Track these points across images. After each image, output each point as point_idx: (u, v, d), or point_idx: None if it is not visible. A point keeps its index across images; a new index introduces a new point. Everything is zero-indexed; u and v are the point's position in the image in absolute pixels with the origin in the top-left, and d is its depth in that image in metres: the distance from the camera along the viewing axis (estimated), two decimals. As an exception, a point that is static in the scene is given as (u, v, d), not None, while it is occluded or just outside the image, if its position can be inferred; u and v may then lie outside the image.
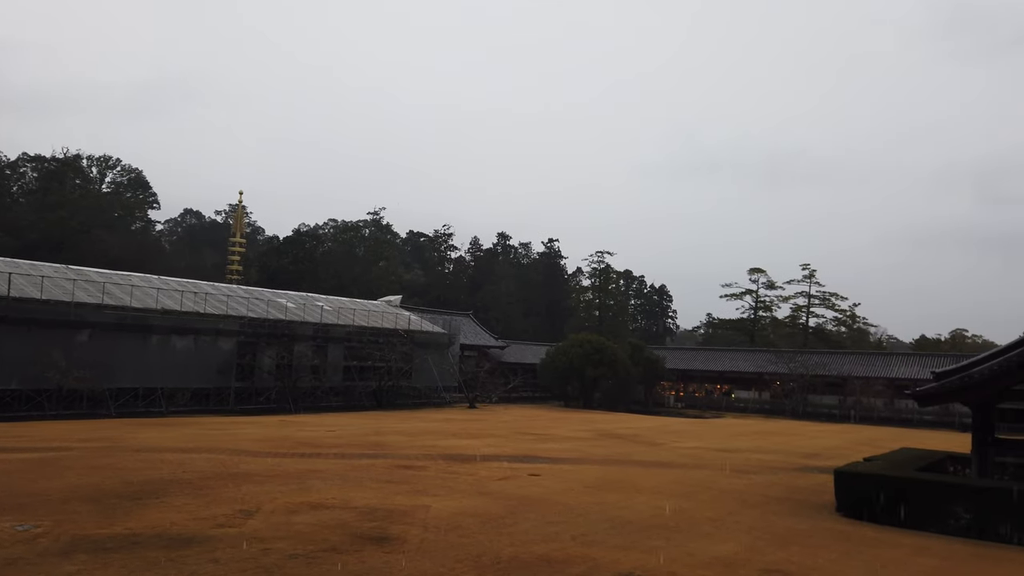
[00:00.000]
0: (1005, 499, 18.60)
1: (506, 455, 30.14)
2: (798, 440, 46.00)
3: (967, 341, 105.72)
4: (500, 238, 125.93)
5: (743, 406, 78.94)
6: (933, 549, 16.60)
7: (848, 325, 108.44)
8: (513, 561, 13.34)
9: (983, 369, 20.76)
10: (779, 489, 24.57)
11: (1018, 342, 20.94)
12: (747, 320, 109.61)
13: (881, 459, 25.43)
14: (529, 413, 61.04)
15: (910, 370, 70.33)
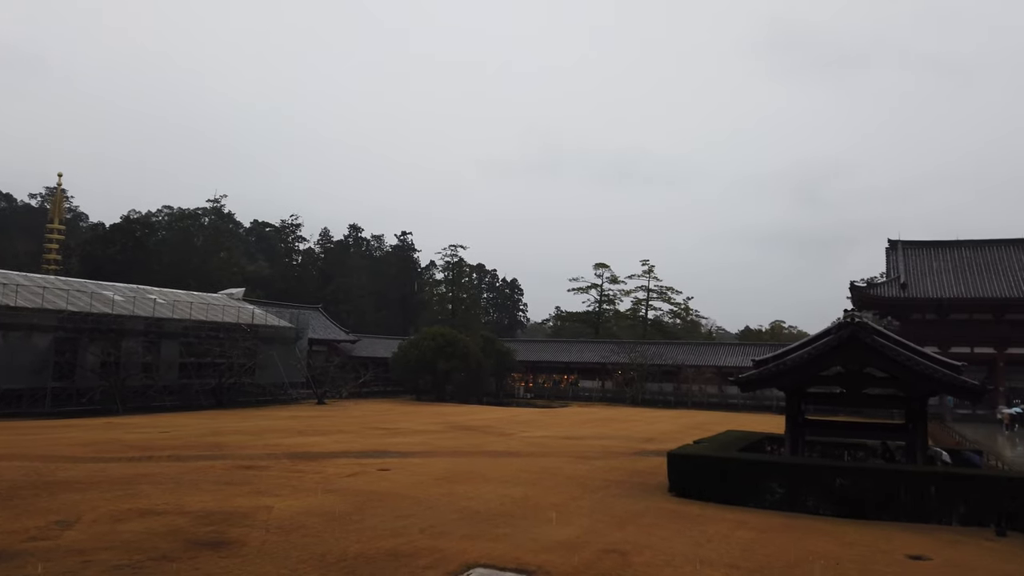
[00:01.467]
0: (812, 474, 20.73)
1: (355, 451, 29.62)
2: (637, 426, 48.67)
3: (785, 332, 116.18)
4: (352, 230, 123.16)
5: (588, 395, 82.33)
6: (751, 522, 18.18)
7: (682, 317, 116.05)
8: (359, 558, 13.18)
9: (794, 357, 22.99)
10: (619, 473, 25.91)
11: (824, 332, 23.36)
12: (592, 313, 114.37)
13: (708, 441, 27.48)
14: (380, 408, 60.28)
15: (736, 359, 76.32)
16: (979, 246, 69.04)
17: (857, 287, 66.58)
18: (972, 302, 63.27)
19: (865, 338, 21.98)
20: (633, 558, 13.98)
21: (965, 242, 69.89)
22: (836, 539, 16.61)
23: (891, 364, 21.94)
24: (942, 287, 65.03)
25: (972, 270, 66.28)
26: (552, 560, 13.54)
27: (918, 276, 67.10)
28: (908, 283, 65.78)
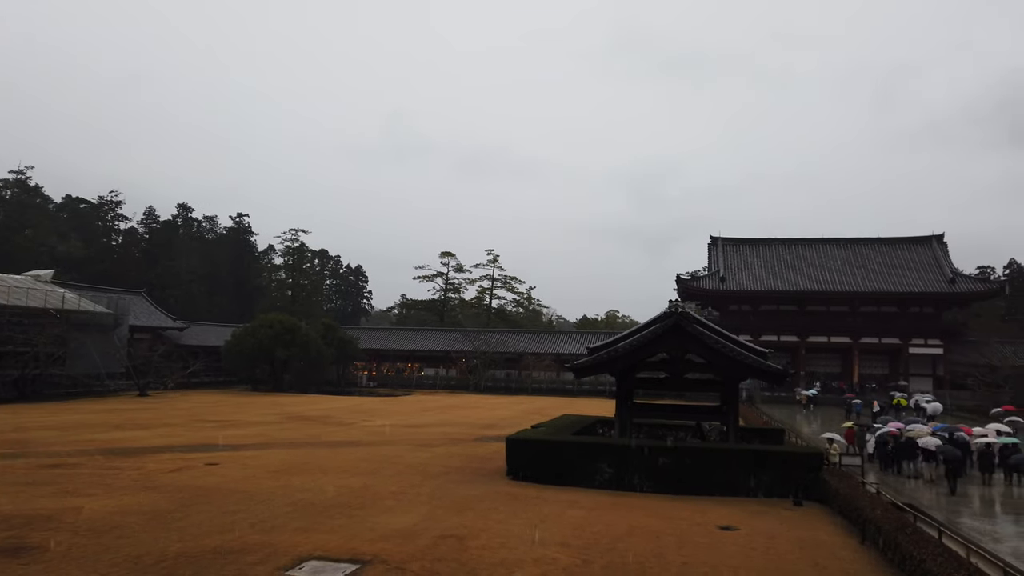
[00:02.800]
0: (638, 455, 22.08)
1: (180, 445, 27.85)
2: (479, 412, 49.46)
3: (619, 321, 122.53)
4: (181, 209, 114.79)
5: (432, 383, 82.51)
6: (582, 502, 19.08)
7: (525, 306, 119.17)
8: (181, 558, 12.44)
9: (624, 344, 24.32)
10: (459, 459, 26.23)
11: (651, 322, 24.88)
12: (438, 301, 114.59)
13: (545, 426, 28.50)
14: (211, 399, 56.96)
15: (573, 346, 79.50)
16: (787, 244, 76.39)
17: (682, 280, 71.57)
18: (780, 294, 69.97)
19: (687, 327, 23.69)
20: (470, 542, 14.24)
21: (776, 240, 77.04)
22: (657, 514, 17.82)
23: (709, 351, 23.80)
24: (755, 280, 71.38)
25: (781, 265, 73.28)
26: (388, 548, 13.50)
27: (735, 270, 73.20)
28: (727, 276, 71.61)
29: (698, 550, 14.39)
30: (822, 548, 15.05)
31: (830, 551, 14.84)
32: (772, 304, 71.48)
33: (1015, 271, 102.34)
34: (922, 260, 70.81)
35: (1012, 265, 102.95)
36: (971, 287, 67.96)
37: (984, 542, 16.02)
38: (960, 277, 67.92)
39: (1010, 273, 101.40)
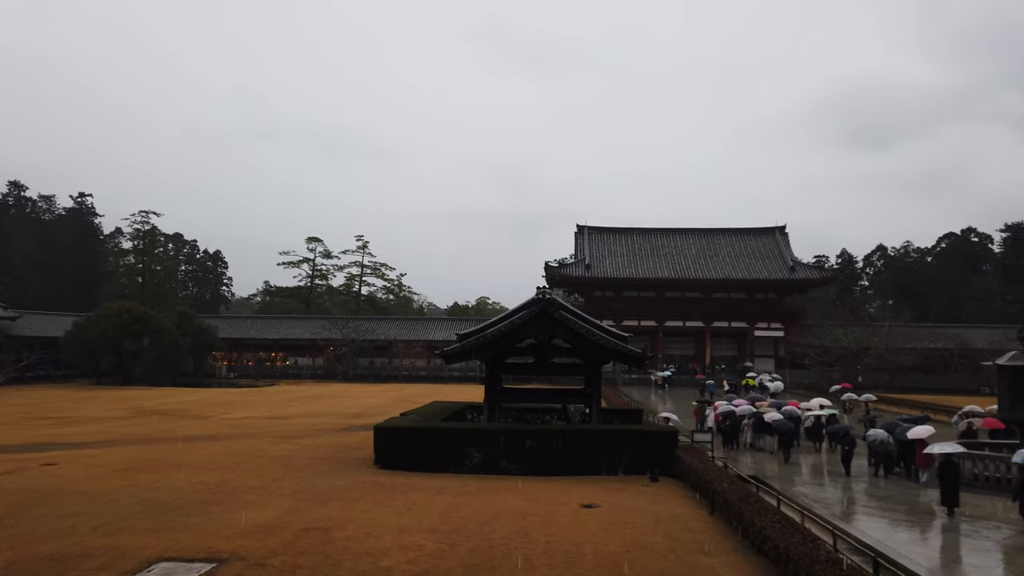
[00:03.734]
0: (506, 438, 22.46)
1: (12, 445, 25.45)
2: (347, 401, 48.51)
3: (489, 307, 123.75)
4: (12, 187, 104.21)
5: (298, 373, 79.96)
6: (451, 488, 19.19)
7: (396, 293, 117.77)
8: (11, 567, 11.38)
9: (493, 331, 24.63)
10: (325, 450, 25.62)
11: (519, 308, 25.34)
12: (304, 288, 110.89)
13: (414, 413, 28.38)
14: (49, 394, 52.28)
15: (444, 333, 79.50)
16: (647, 233, 80.00)
17: (550, 267, 73.34)
18: (641, 282, 73.27)
19: (553, 313, 24.32)
20: (335, 534, 13.97)
21: (637, 230, 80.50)
22: (524, 496, 18.24)
23: (574, 336, 24.56)
24: (618, 268, 74.32)
25: (641, 254, 76.69)
26: (248, 545, 12.99)
27: (600, 258, 75.87)
28: (592, 264, 74.11)
29: (562, 528, 14.86)
30: (675, 521, 15.98)
31: (682, 523, 15.78)
32: (633, 291, 74.72)
33: (846, 260, 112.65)
34: (767, 250, 76.36)
35: (843, 255, 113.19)
36: (809, 275, 74.10)
37: (816, 508, 17.61)
38: (799, 266, 73.84)
39: (842, 262, 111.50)
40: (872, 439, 23.68)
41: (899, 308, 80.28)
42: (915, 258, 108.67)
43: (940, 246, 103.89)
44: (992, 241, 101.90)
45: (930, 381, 65.54)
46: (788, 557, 11.42)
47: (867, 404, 38.64)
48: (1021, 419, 22.78)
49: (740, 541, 14.19)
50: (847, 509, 18.07)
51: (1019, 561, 13.69)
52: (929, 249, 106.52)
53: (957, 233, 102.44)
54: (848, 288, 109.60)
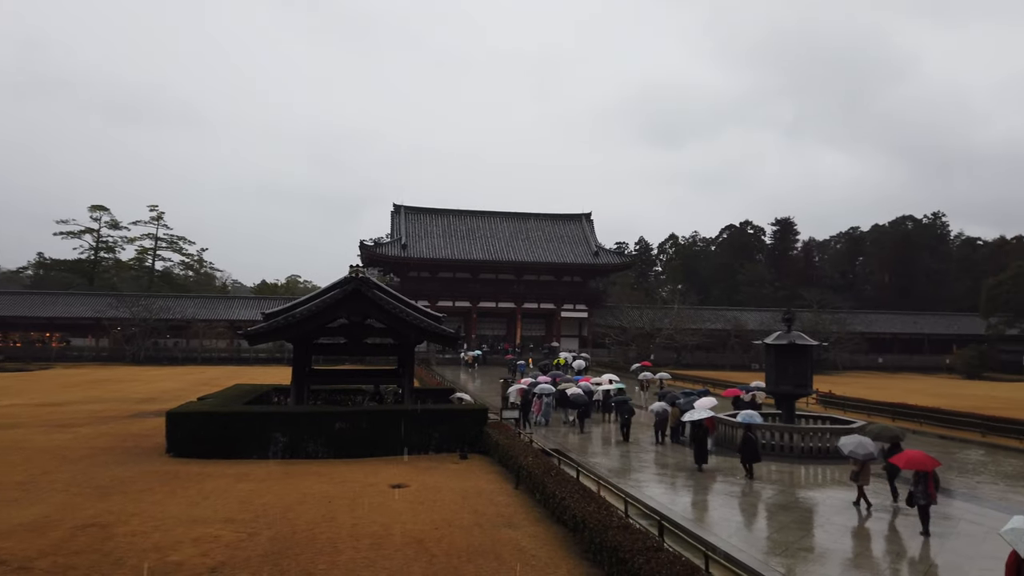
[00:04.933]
0: (314, 421, 21.78)
1: None
2: (136, 386, 44.57)
3: (300, 286, 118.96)
4: None
5: (79, 355, 72.11)
6: (253, 474, 18.29)
7: (195, 269, 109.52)
8: None
9: (303, 310, 23.71)
10: (108, 439, 23.37)
11: (331, 287, 24.60)
12: (87, 261, 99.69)
13: (214, 397, 26.67)
14: None
15: (250, 312, 75.44)
16: (463, 216, 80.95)
17: (366, 246, 71.95)
18: (456, 263, 74.08)
19: (367, 292, 23.87)
20: (117, 529, 12.79)
21: (453, 211, 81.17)
22: (331, 479, 17.81)
23: (387, 316, 24.29)
24: (434, 249, 74.56)
25: (457, 236, 77.49)
26: (10, 547, 11.53)
27: (416, 238, 75.65)
28: (408, 244, 73.71)
29: (370, 510, 14.70)
30: (482, 496, 16.40)
31: (489, 498, 16.23)
32: (449, 272, 75.39)
33: (643, 247, 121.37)
34: (574, 235, 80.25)
35: (641, 242, 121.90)
36: (610, 260, 78.94)
37: (611, 477, 18.89)
38: (603, 251, 78.41)
39: (640, 249, 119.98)
40: (653, 410, 26.10)
41: (687, 292, 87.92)
42: (701, 247, 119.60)
43: (722, 236, 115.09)
44: (764, 233, 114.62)
45: (711, 358, 72.72)
46: (585, 525, 12.14)
47: (662, 381, 42.03)
48: (784, 391, 25.94)
49: (542, 512, 14.86)
50: (638, 476, 19.55)
51: (779, 517, 15.57)
52: (713, 239, 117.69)
53: (736, 225, 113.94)
54: (645, 273, 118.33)
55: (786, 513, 15.80)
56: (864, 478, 16.51)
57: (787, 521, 15.06)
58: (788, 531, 14.26)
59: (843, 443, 17.40)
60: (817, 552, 12.92)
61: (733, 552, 12.49)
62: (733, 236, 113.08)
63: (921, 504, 14.23)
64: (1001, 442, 26.85)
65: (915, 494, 14.38)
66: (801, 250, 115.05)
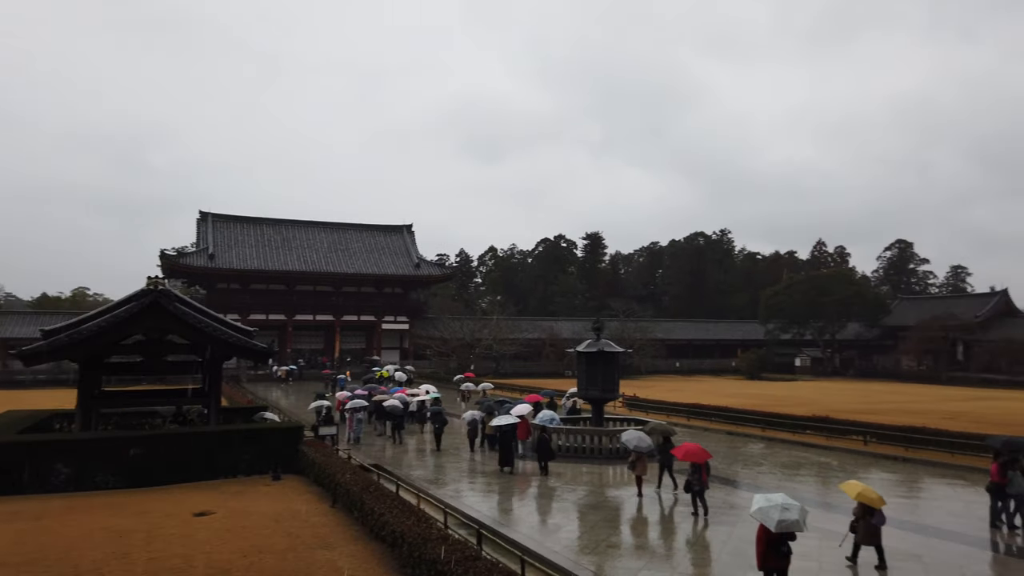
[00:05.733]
0: (103, 448, 19.76)
1: None
2: None
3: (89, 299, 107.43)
4: None
5: None
6: (28, 511, 16.23)
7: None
8: None
9: (91, 326, 21.46)
10: None
11: (125, 300, 22.49)
12: None
13: (-20, 427, 23.36)
14: None
15: (28, 329, 66.92)
16: (279, 225, 77.56)
17: (167, 255, 66.65)
18: (270, 274, 70.72)
19: (167, 305, 22.09)
20: None
21: (268, 220, 77.51)
22: (125, 512, 16.24)
23: (192, 331, 22.62)
24: (246, 259, 70.66)
25: (272, 246, 74.04)
26: None
27: (225, 248, 71.28)
28: (216, 254, 69.24)
29: (170, 542, 13.58)
30: (296, 518, 15.74)
31: (304, 519, 15.61)
32: (262, 283, 71.81)
33: (464, 259, 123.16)
34: (395, 247, 79.69)
35: (462, 254, 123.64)
36: (432, 272, 79.26)
37: (431, 488, 18.91)
38: (424, 263, 78.55)
39: (460, 260, 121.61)
40: (465, 419, 26.70)
41: (506, 302, 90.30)
42: (519, 259, 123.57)
43: (538, 249, 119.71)
44: (576, 247, 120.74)
45: (528, 367, 75.17)
46: (404, 539, 12.04)
47: (485, 391, 42.73)
48: (593, 396, 27.42)
49: (361, 530, 14.54)
50: (458, 486, 19.73)
51: (590, 517, 16.40)
52: (530, 251, 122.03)
53: (551, 239, 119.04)
54: (465, 284, 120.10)
55: (596, 512, 16.69)
56: (641, 468, 18.57)
57: (597, 520, 15.91)
58: (598, 529, 15.07)
59: (625, 438, 20.05)
60: (624, 547, 13.77)
61: (547, 554, 12.98)
62: (548, 249, 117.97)
63: (696, 490, 16.30)
64: (777, 435, 30.17)
65: (691, 482, 16.44)
66: (609, 263, 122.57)
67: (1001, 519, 15.51)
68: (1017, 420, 33.92)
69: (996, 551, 13.98)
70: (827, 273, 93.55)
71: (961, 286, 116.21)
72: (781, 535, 10.26)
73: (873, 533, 12.59)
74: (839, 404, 41.62)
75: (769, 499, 10.56)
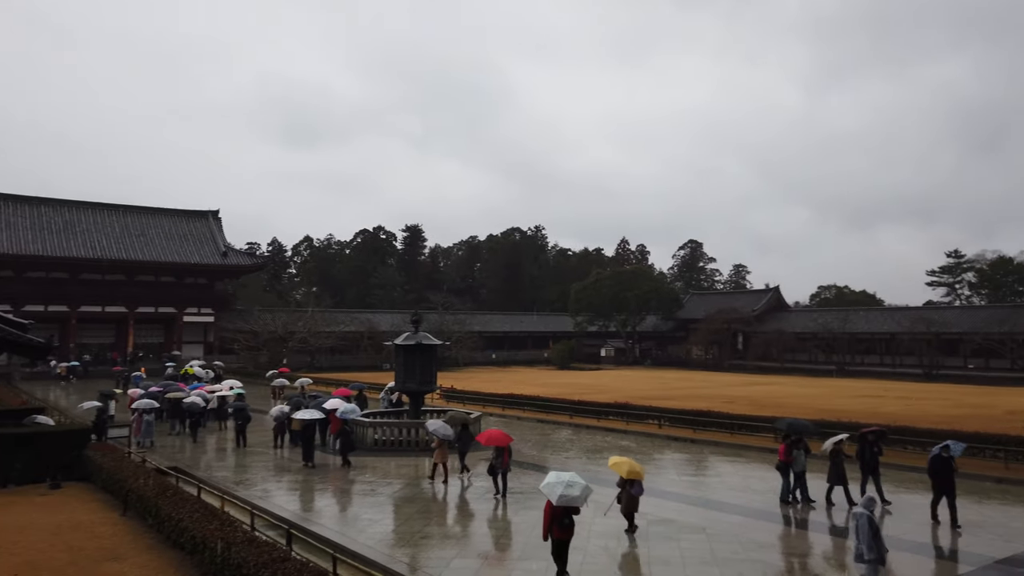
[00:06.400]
0: None
1: None
2: None
3: None
4: None
5: None
6: None
7: None
8: None
9: None
10: None
11: None
12: None
13: None
14: None
15: None
16: (61, 206, 69.45)
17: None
18: (49, 261, 63.18)
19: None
20: None
21: (48, 200, 69.14)
22: None
23: (-52, 324, 19.73)
24: (19, 244, 62.58)
25: (52, 229, 66.12)
26: None
27: (-6, 230, 62.67)
28: (-19, 236, 60.67)
29: (-82, 567, 11.79)
30: (80, 530, 14.28)
31: (89, 531, 14.20)
32: (40, 271, 63.99)
33: (277, 249, 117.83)
34: (200, 234, 74.33)
35: (275, 243, 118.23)
36: (241, 261, 74.87)
37: (236, 490, 17.95)
38: (232, 252, 73.99)
39: (273, 250, 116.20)
40: (272, 415, 25.83)
41: (322, 294, 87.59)
42: (336, 250, 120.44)
43: (356, 240, 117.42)
44: (396, 239, 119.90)
45: (345, 360, 73.56)
46: (205, 545, 11.36)
47: (303, 387, 41.05)
48: (411, 389, 27.42)
49: (156, 538, 13.50)
50: (266, 486, 18.91)
51: (404, 509, 16.42)
52: (348, 243, 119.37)
53: (370, 230, 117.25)
54: (278, 275, 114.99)
55: (411, 504, 16.74)
56: (441, 455, 19.25)
57: (412, 512, 15.97)
58: (412, 521, 15.13)
59: (429, 426, 20.97)
60: (438, 538, 13.95)
61: (361, 550, 12.84)
62: (367, 240, 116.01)
63: (500, 472, 17.37)
64: (584, 422, 31.96)
65: (494, 464, 17.51)
66: (429, 256, 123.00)
67: (796, 496, 16.81)
68: (786, 402, 38.48)
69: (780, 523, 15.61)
70: (630, 270, 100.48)
71: (742, 283, 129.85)
72: (564, 509, 11.11)
73: (633, 502, 14.11)
74: (638, 391, 44.86)
75: (559, 476, 11.42)
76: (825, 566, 12.34)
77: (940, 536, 14.40)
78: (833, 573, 11.95)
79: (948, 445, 15.34)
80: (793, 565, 12.44)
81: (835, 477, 16.58)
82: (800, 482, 17.00)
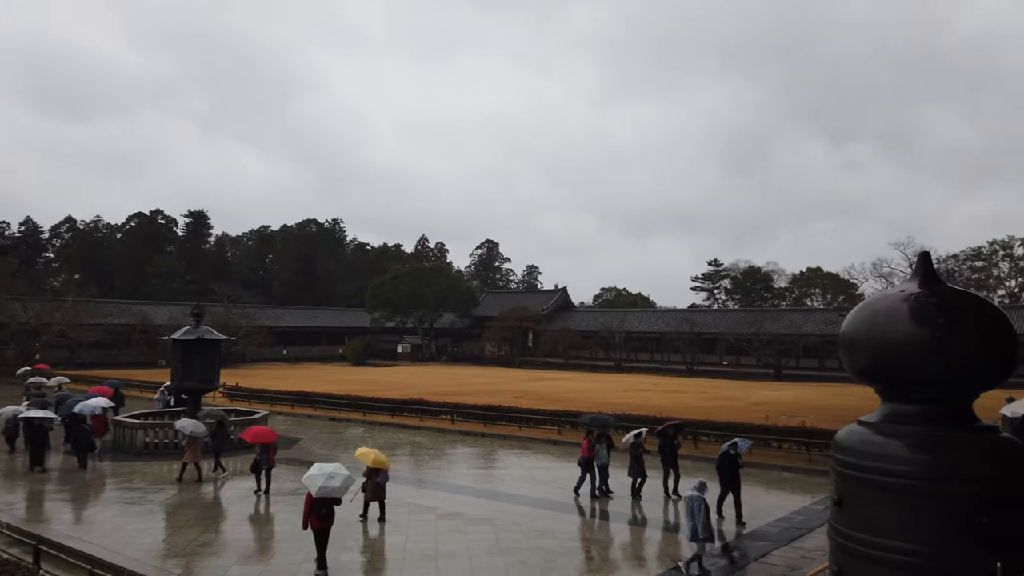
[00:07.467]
0: None
1: None
2: None
3: None
4: None
5: None
6: None
7: None
8: None
9: None
10: None
11: None
12: None
13: None
14: None
15: None
16: None
17: None
18: None
19: None
20: None
21: None
22: None
23: None
24: None
25: None
26: None
27: None
28: None
29: None
30: None
31: None
32: None
33: (31, 229, 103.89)
34: (-71, 207, 63.44)
35: (28, 223, 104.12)
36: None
37: None
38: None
39: (25, 231, 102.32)
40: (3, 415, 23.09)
41: (87, 283, 78.44)
42: (105, 234, 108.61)
43: (130, 224, 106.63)
44: (177, 225, 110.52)
45: (112, 356, 66.56)
46: (-73, 570, 9.81)
47: (60, 385, 36.37)
48: (190, 387, 25.54)
49: None
50: (9, 498, 16.66)
51: (179, 516, 15.27)
52: (119, 226, 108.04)
53: (146, 214, 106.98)
54: (32, 259, 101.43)
55: (186, 511, 15.63)
56: (192, 454, 18.98)
57: (188, 519, 14.92)
58: (188, 529, 14.14)
59: (179, 425, 20.29)
60: (216, 545, 13.15)
61: (126, 564, 11.76)
62: (143, 225, 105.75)
63: (265, 468, 17.28)
64: (377, 419, 31.71)
65: (259, 461, 17.35)
66: (215, 244, 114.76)
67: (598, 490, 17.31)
68: (569, 396, 40.85)
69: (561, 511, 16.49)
70: (428, 267, 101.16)
71: (534, 283, 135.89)
72: (323, 499, 11.40)
73: (379, 490, 14.66)
74: (433, 387, 45.36)
75: (321, 468, 11.73)
76: (601, 548, 13.36)
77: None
78: (605, 552, 12.97)
79: (736, 443, 16.04)
80: (569, 548, 13.32)
81: (635, 470, 17.22)
82: (603, 475, 17.56)
